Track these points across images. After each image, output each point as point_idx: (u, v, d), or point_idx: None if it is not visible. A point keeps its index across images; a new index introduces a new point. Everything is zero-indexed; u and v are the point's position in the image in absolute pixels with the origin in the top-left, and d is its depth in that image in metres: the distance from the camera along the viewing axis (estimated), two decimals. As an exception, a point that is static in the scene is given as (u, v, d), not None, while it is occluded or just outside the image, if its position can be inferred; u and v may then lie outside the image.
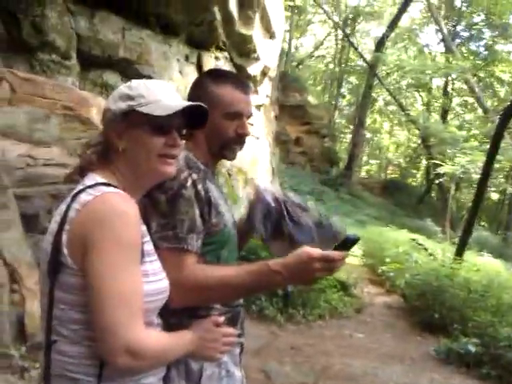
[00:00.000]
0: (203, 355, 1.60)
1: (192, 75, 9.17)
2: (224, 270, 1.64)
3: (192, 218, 1.62)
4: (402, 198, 26.99)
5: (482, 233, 20.40)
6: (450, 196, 19.30)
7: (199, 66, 9.89)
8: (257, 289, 1.75)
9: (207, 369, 1.68)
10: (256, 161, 12.68)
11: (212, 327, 1.60)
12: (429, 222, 18.90)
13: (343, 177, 24.21)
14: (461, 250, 9.67)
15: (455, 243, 11.65)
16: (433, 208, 26.28)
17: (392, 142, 40.33)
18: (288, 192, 2.01)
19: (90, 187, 1.42)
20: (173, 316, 1.61)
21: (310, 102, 24.63)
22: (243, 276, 1.59)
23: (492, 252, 15.12)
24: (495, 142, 9.51)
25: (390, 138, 39.82)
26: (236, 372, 1.82)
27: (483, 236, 19.11)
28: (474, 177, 16.84)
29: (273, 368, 5.29)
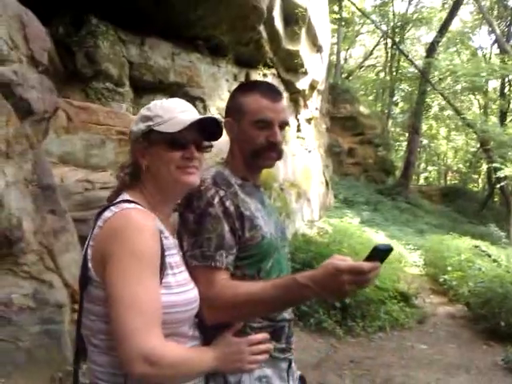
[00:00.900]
0: (230, 369, 1.60)
1: (241, 94, 9.30)
2: (252, 287, 1.61)
3: (220, 235, 1.64)
4: (464, 205, 26.16)
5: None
6: (513, 199, 18.57)
7: (247, 85, 10.03)
8: (286, 303, 1.66)
9: (245, 382, 1.66)
10: (309, 174, 12.68)
11: (233, 339, 1.60)
12: (493, 228, 18.17)
13: (400, 185, 23.68)
14: (526, 255, 9.31)
15: (520, 248, 11.20)
16: (497, 213, 25.31)
17: (450, 148, 39.29)
18: None
19: (113, 205, 1.51)
20: (216, 330, 1.63)
21: (362, 112, 24.37)
22: (270, 291, 1.56)
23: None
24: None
25: (448, 144, 38.80)
26: None
27: (550, 239, 18.22)
28: (538, 179, 16.17)
29: (332, 382, 5.25)
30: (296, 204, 10.45)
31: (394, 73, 32.22)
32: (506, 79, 25.92)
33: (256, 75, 10.36)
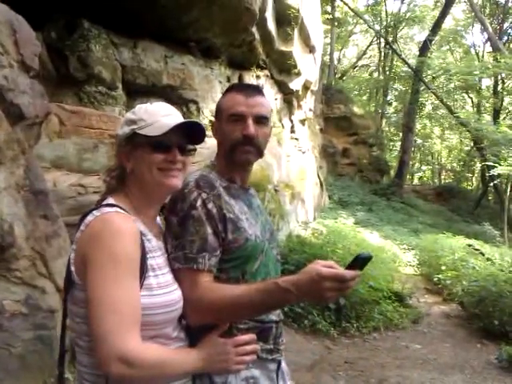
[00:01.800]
0: (216, 369, 1.61)
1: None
2: (235, 290, 1.61)
3: (203, 237, 1.65)
4: (458, 204, 26.25)
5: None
6: (507, 198, 18.64)
7: (241, 86, 10.04)
8: (268, 307, 1.66)
9: (231, 382, 1.67)
10: (303, 175, 12.69)
11: (219, 340, 1.62)
12: (487, 226, 18.26)
13: (394, 185, 23.72)
14: (520, 254, 9.35)
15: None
16: (491, 211, 25.39)
17: (444, 147, 39.41)
18: None
19: (96, 209, 1.54)
20: (202, 331, 1.64)
21: (356, 113, 24.39)
22: (253, 295, 1.57)
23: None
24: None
25: (442, 143, 38.90)
26: None
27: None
28: (532, 176, 16.24)
29: (327, 383, 5.26)
30: (290, 205, 10.46)
31: (388, 72, 32.30)
32: (499, 77, 25.97)
33: (249, 77, 10.37)
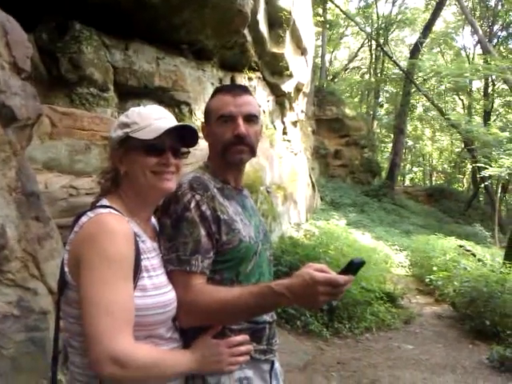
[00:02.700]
0: (209, 370, 1.62)
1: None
2: (228, 293, 1.62)
3: (196, 240, 1.65)
4: (449, 205, 26.38)
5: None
6: (498, 199, 18.78)
7: (233, 88, 10.06)
8: (261, 310, 1.68)
9: (225, 383, 1.67)
10: (295, 176, 12.71)
11: (212, 341, 1.63)
12: (478, 227, 18.41)
13: (386, 187, 23.80)
14: (510, 254, 9.41)
15: (504, 247, 11.33)
16: (482, 213, 25.59)
17: (435, 148, 39.60)
18: None
19: (90, 210, 1.54)
20: (196, 332, 1.66)
21: (347, 114, 24.47)
22: (246, 298, 1.58)
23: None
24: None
25: (433, 144, 39.10)
26: None
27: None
28: (522, 178, 16.37)
29: (319, 383, 5.26)
30: (282, 207, 10.47)
31: (379, 74, 32.47)
32: (490, 79, 26.16)
33: (241, 79, 10.38)
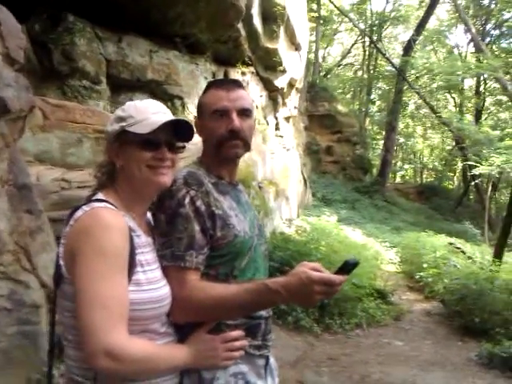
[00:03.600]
0: (204, 365, 1.63)
1: (219, 92, 9.33)
2: (224, 289, 1.63)
3: (190, 235, 1.65)
4: (440, 202, 26.54)
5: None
6: (488, 197, 18.91)
7: (226, 82, 10.04)
8: (256, 307, 1.69)
9: (220, 378, 1.66)
10: (287, 172, 12.72)
11: (207, 336, 1.64)
12: (468, 225, 18.53)
13: (377, 183, 23.91)
14: (500, 252, 9.48)
15: (493, 245, 11.41)
16: (472, 210, 25.74)
17: (426, 146, 39.76)
18: None
19: (85, 204, 1.54)
20: (191, 327, 1.66)
21: (340, 111, 24.51)
22: (242, 295, 1.59)
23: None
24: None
25: (424, 142, 39.26)
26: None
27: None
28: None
29: (310, 379, 5.28)
30: (274, 202, 10.48)
31: (372, 71, 32.49)
32: (481, 78, 26.29)
33: (234, 73, 10.36)
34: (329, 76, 35.05)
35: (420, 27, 25.27)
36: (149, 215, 1.77)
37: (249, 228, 1.83)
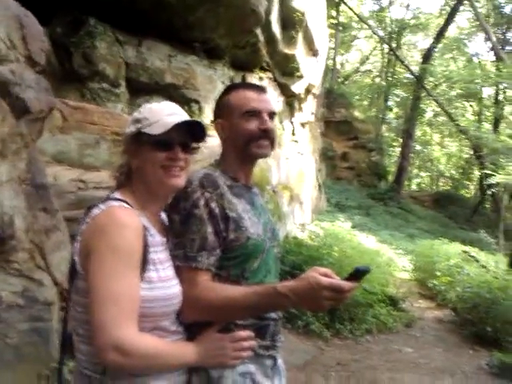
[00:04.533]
0: (213, 363, 1.66)
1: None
2: (233, 291, 1.66)
3: (203, 237, 1.69)
4: (455, 210, 26.24)
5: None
6: (504, 206, 18.71)
7: (243, 88, 10.08)
8: (264, 310, 1.73)
9: (228, 377, 1.69)
10: (302, 177, 12.73)
11: (216, 335, 1.67)
12: (483, 234, 18.33)
13: (392, 190, 23.77)
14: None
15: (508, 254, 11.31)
16: (487, 219, 25.42)
17: (443, 154, 39.40)
18: None
19: (102, 202, 1.60)
20: (201, 326, 1.70)
21: (356, 117, 24.47)
22: (251, 297, 1.62)
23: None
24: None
25: (441, 150, 38.92)
26: None
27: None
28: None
29: (318, 383, 5.31)
30: (288, 207, 10.50)
31: (390, 78, 32.33)
32: (501, 86, 26.05)
33: (252, 78, 10.40)
34: (346, 82, 34.98)
35: (440, 35, 25.15)
36: (163, 215, 1.82)
37: (262, 231, 1.86)
